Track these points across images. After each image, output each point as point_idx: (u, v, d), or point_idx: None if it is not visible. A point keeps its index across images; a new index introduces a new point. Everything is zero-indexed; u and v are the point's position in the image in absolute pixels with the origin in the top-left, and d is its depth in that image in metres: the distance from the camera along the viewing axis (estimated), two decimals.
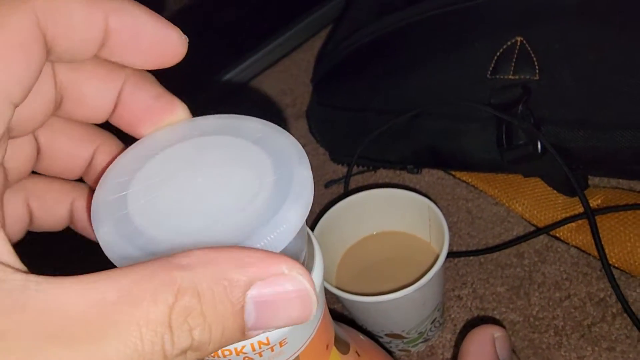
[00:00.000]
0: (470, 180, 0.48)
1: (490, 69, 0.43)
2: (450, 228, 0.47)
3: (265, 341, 0.17)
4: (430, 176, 0.51)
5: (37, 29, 0.16)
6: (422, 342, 0.41)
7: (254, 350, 0.17)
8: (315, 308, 0.15)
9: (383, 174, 0.52)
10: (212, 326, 0.14)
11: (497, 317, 0.41)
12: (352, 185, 0.51)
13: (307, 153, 0.17)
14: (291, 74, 0.64)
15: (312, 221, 0.42)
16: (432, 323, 0.40)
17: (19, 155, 0.19)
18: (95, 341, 0.12)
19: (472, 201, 0.48)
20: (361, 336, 0.28)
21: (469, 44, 0.44)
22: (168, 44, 0.18)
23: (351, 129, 0.51)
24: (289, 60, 0.66)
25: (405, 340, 0.40)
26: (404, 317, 0.38)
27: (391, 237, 0.42)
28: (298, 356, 0.19)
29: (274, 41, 0.66)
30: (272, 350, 0.18)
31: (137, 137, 0.20)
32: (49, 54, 0.17)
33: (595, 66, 0.39)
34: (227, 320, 0.14)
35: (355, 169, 0.52)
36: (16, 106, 0.16)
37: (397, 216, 0.41)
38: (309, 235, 0.19)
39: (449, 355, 0.41)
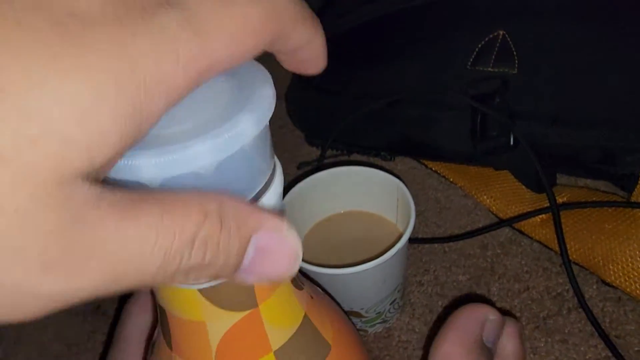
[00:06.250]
0: (441, 170, 0.49)
1: (471, 60, 0.43)
2: (417, 216, 0.47)
3: None
4: (403, 164, 0.51)
5: None
6: (380, 322, 0.41)
7: None
8: (297, 268, 0.17)
9: (357, 159, 0.52)
10: (220, 255, 0.15)
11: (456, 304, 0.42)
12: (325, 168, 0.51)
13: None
14: (273, 57, 0.63)
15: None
16: (391, 304, 0.40)
17: None
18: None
19: (442, 192, 0.48)
20: (319, 289, 0.28)
21: (451, 35, 0.45)
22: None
23: (327, 112, 0.51)
24: None
25: (363, 319, 0.40)
26: (364, 293, 0.38)
27: (358, 217, 0.42)
28: None
29: None
30: None
31: None
32: None
33: (571, 65, 0.40)
34: (231, 255, 0.15)
35: (329, 152, 0.52)
36: None
37: (366, 195, 0.41)
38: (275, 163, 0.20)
39: (405, 337, 0.41)
